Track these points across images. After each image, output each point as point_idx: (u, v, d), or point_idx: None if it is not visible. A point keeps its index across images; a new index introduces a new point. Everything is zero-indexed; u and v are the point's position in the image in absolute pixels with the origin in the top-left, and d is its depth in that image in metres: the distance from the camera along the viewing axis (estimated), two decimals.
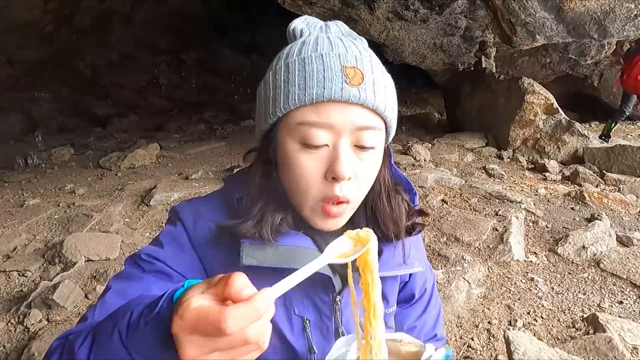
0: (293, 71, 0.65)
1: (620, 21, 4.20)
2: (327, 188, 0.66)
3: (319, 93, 0.62)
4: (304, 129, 0.64)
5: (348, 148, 0.65)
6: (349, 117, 0.64)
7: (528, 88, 4.85)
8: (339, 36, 0.71)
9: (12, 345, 2.07)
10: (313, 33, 0.71)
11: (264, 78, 0.71)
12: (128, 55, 9.65)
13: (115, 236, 2.98)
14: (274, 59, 0.71)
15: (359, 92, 0.63)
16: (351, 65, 0.64)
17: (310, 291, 0.73)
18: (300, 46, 0.68)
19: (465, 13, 5.11)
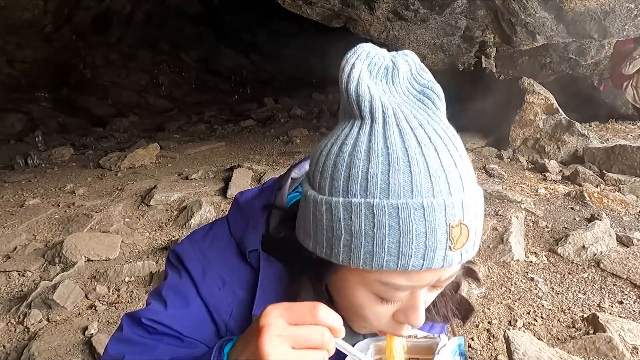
0: (382, 227, 0.49)
1: (620, 21, 4.20)
2: (393, 327, 0.59)
3: (416, 265, 0.50)
4: (386, 288, 0.54)
5: (426, 292, 0.58)
6: (439, 275, 0.54)
7: (528, 88, 4.84)
8: (417, 111, 0.54)
9: (12, 345, 2.07)
10: (385, 107, 0.53)
11: (327, 196, 0.53)
12: (128, 55, 9.66)
13: (115, 236, 2.98)
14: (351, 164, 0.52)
15: (460, 256, 0.52)
16: (457, 222, 0.50)
17: None
18: (385, 168, 0.50)
19: (465, 13, 5.11)
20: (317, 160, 0.57)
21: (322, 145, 0.57)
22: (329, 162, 0.54)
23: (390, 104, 0.53)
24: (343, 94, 0.55)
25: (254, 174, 4.09)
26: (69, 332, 2.10)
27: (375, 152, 0.51)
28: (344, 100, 0.55)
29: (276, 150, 5.19)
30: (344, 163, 0.52)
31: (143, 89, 9.29)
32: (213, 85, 10.15)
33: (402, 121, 0.52)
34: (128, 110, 8.30)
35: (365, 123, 0.53)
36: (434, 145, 0.52)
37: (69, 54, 8.85)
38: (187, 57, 10.60)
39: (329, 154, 0.55)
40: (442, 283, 0.57)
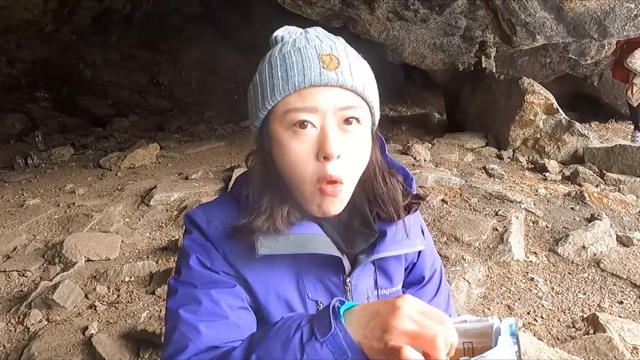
0: (275, 66, 0.71)
1: (620, 21, 4.19)
2: (320, 168, 0.70)
3: (300, 80, 0.68)
4: (291, 115, 0.69)
5: (334, 127, 0.70)
6: (330, 99, 0.69)
7: (528, 88, 4.84)
8: (316, 35, 0.76)
9: (12, 345, 2.07)
10: (292, 36, 0.77)
11: (251, 81, 0.77)
12: (128, 55, 9.66)
13: (115, 236, 2.98)
14: (259, 63, 0.77)
15: (337, 75, 0.69)
16: (327, 53, 0.71)
17: (322, 275, 0.79)
18: (281, 46, 0.74)
19: (465, 13, 5.11)
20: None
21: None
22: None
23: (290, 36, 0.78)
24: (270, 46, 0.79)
25: None
26: (69, 332, 2.10)
27: (279, 45, 0.76)
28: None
29: None
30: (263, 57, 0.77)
31: (143, 89, 9.29)
32: (213, 85, 10.15)
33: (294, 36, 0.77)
34: (128, 110, 8.30)
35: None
36: (323, 36, 0.76)
37: (69, 54, 8.85)
38: (187, 57, 10.60)
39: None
40: (346, 115, 0.71)
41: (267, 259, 0.74)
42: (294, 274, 0.78)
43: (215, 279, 0.75)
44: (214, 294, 0.73)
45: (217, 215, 0.80)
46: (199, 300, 0.72)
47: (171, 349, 0.70)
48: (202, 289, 0.74)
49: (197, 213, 0.82)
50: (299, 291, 0.78)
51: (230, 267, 0.77)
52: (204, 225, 0.79)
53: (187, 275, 0.76)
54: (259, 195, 0.76)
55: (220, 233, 0.78)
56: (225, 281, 0.75)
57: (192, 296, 0.73)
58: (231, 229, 0.76)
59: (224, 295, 0.73)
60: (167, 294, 0.78)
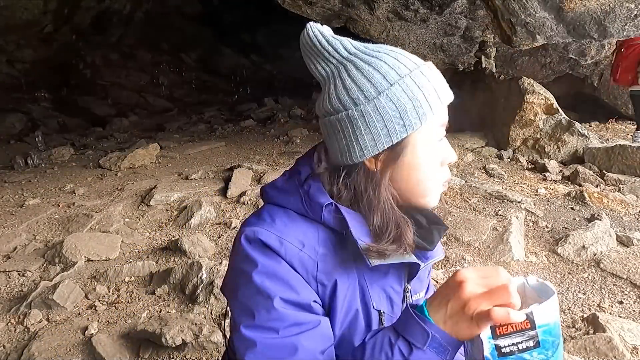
0: (421, 83, 0.75)
1: (620, 21, 4.19)
2: (445, 171, 0.82)
3: (444, 97, 0.77)
4: (439, 129, 0.78)
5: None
6: (445, 114, 0.79)
7: (528, 88, 4.84)
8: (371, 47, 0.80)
9: (12, 345, 2.07)
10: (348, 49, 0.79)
11: (374, 98, 0.74)
12: (128, 55, 9.66)
13: (115, 236, 2.98)
14: (370, 76, 0.75)
15: (451, 94, 0.79)
16: (438, 72, 0.79)
17: (384, 284, 0.81)
18: (393, 62, 0.75)
19: (465, 13, 5.10)
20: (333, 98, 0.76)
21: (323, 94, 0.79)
22: (352, 86, 0.75)
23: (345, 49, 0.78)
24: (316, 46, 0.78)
25: (254, 174, 4.08)
26: (69, 332, 2.10)
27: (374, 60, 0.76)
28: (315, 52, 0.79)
29: (276, 150, 5.19)
30: (362, 78, 0.74)
31: (143, 89, 9.29)
32: (213, 85, 10.15)
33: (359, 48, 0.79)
34: (128, 110, 8.30)
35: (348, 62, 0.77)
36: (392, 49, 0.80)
37: (69, 54, 8.85)
38: (187, 57, 10.60)
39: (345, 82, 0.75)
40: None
41: (344, 272, 0.76)
42: (360, 285, 0.78)
43: (301, 319, 0.69)
44: (305, 342, 0.68)
45: (286, 230, 0.74)
46: (291, 350, 0.67)
47: None
48: (289, 336, 0.68)
49: (261, 232, 0.73)
50: (364, 301, 0.78)
51: (317, 286, 0.74)
52: (276, 246, 0.72)
53: (267, 319, 0.68)
54: (387, 218, 0.76)
55: (299, 251, 0.73)
56: (312, 321, 0.70)
57: (281, 346, 0.67)
58: (362, 249, 0.73)
59: (314, 340, 0.69)
60: (241, 345, 0.69)
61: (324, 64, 0.78)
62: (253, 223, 0.77)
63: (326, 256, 0.74)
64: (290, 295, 0.70)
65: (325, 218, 0.75)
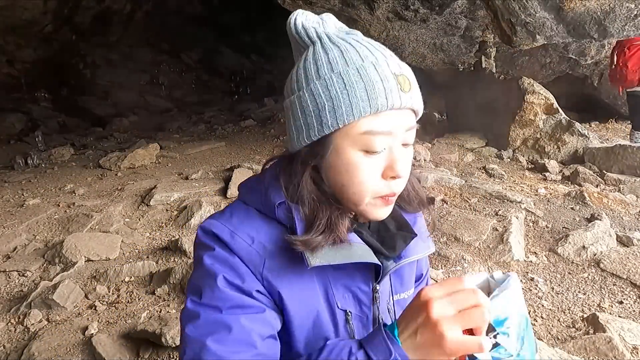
0: (351, 82, 0.67)
1: (620, 21, 4.19)
2: (383, 186, 0.72)
3: (382, 104, 0.67)
4: (368, 138, 0.68)
5: (400, 148, 0.72)
6: (402, 121, 0.70)
7: (528, 88, 4.84)
8: (354, 37, 0.75)
9: (12, 345, 2.07)
10: (328, 34, 0.75)
11: (303, 89, 0.71)
12: (128, 55, 9.66)
13: (115, 236, 2.98)
14: (307, 67, 0.72)
15: (410, 99, 0.70)
16: (400, 73, 0.70)
17: (350, 284, 0.78)
18: (339, 54, 0.70)
19: (465, 13, 5.10)
20: (289, 80, 0.75)
21: (290, 75, 0.76)
22: (298, 73, 0.73)
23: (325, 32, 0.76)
24: (293, 36, 0.78)
25: (254, 174, 4.08)
26: (69, 332, 2.10)
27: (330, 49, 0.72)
28: (294, 42, 0.79)
29: (276, 150, 5.19)
30: (310, 65, 0.71)
31: (143, 89, 9.29)
32: (213, 85, 10.15)
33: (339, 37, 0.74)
34: (128, 110, 8.30)
35: (315, 44, 0.74)
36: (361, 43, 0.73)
37: (69, 54, 8.85)
38: (187, 57, 10.60)
39: (295, 71, 0.74)
40: (409, 137, 0.73)
41: (296, 272, 0.73)
42: (322, 284, 0.76)
43: (246, 302, 0.69)
44: (244, 321, 0.67)
45: (240, 226, 0.74)
46: (229, 327, 0.66)
47: None
48: (230, 314, 0.68)
49: (215, 225, 0.75)
50: (328, 301, 0.76)
51: (262, 282, 0.72)
52: (227, 238, 0.73)
53: (211, 297, 0.69)
54: (313, 206, 0.73)
55: (248, 246, 0.72)
56: (255, 305, 0.70)
57: (220, 323, 0.67)
58: (288, 241, 0.71)
59: (255, 322, 0.68)
60: (184, 318, 0.70)
61: (300, 51, 0.78)
62: (213, 217, 0.79)
63: (276, 254, 0.73)
64: (235, 280, 0.70)
65: (279, 215, 0.74)
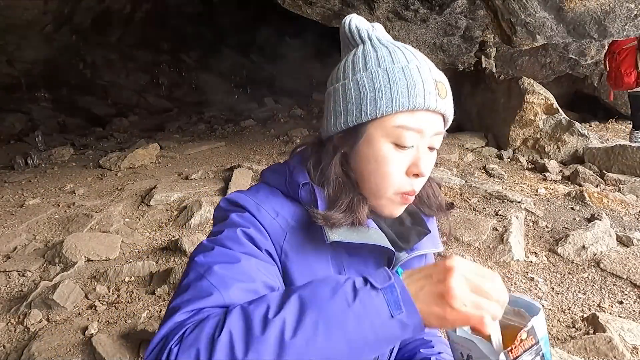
0: (395, 78, 0.73)
1: (620, 21, 4.19)
2: (405, 182, 0.76)
3: (420, 103, 0.72)
4: (401, 132, 0.73)
5: (426, 149, 0.77)
6: (434, 124, 0.75)
7: (528, 88, 4.84)
8: (421, 57, 0.79)
9: (12, 345, 2.07)
10: (378, 37, 0.80)
11: (349, 78, 0.76)
12: (128, 55, 9.65)
13: (115, 236, 2.98)
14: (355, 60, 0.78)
15: (445, 105, 0.75)
16: (440, 80, 0.75)
17: (363, 270, 0.80)
18: (387, 53, 0.76)
19: (465, 13, 5.10)
20: (334, 71, 0.81)
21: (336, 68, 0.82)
22: (347, 63, 0.79)
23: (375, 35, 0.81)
24: (346, 35, 0.82)
25: (254, 174, 4.08)
26: (69, 332, 2.10)
27: (379, 48, 0.77)
28: (345, 41, 0.84)
29: (276, 150, 5.18)
30: (359, 57, 0.77)
31: (143, 89, 9.29)
32: (213, 85, 10.15)
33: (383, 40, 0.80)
34: (128, 110, 8.30)
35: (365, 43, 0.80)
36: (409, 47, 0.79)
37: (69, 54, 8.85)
38: (187, 57, 10.60)
39: (345, 61, 0.80)
40: (435, 141, 0.77)
41: (314, 251, 0.76)
42: (336, 267, 0.79)
43: (257, 253, 0.71)
44: (254, 263, 0.69)
45: (266, 200, 0.78)
46: (237, 259, 0.68)
47: (189, 294, 0.63)
48: (242, 253, 0.69)
49: (241, 197, 0.79)
50: None
51: (281, 255, 0.75)
52: (254, 209, 0.76)
53: (227, 238, 0.71)
54: (338, 190, 0.77)
55: (272, 219, 0.76)
56: (265, 258, 0.72)
57: (232, 256, 0.68)
58: (309, 212, 0.74)
59: (263, 268, 0.70)
60: (196, 251, 0.72)
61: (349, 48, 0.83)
62: (238, 191, 0.82)
63: (297, 230, 0.76)
64: (256, 235, 0.73)
65: (302, 196, 0.78)
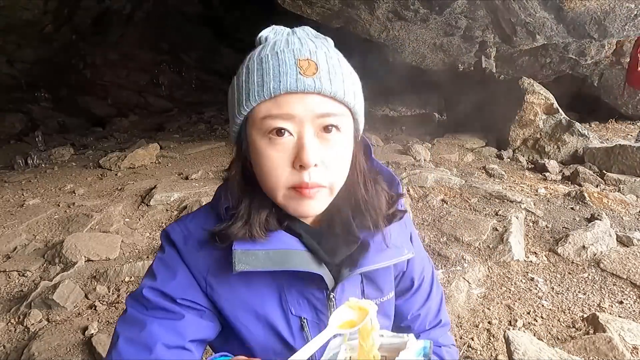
0: (252, 71, 0.69)
1: (620, 21, 4.19)
2: (296, 176, 0.69)
3: (275, 87, 0.66)
4: (267, 122, 0.67)
5: (312, 136, 0.68)
6: (308, 106, 0.67)
7: (528, 88, 4.85)
8: (300, 36, 0.73)
9: (12, 345, 2.07)
10: (277, 37, 0.73)
11: (230, 84, 0.75)
12: (128, 55, 9.66)
13: (115, 236, 2.98)
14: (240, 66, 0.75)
15: (314, 82, 0.66)
16: (305, 57, 0.67)
17: (304, 290, 0.77)
18: (261, 49, 0.72)
19: (465, 13, 5.11)
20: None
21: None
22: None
23: (272, 36, 0.74)
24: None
25: None
26: (69, 332, 2.10)
27: (261, 46, 0.73)
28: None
29: None
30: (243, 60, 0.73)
31: (143, 89, 9.30)
32: (213, 85, 10.15)
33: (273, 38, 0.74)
34: (128, 110, 8.31)
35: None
36: (307, 38, 0.72)
37: (69, 54, 8.85)
38: (187, 57, 10.60)
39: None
40: (324, 123, 0.68)
41: (246, 275, 0.72)
42: (275, 289, 0.76)
43: (167, 306, 0.73)
44: (157, 327, 0.72)
45: (194, 229, 0.77)
46: (142, 326, 0.72)
47: None
48: (150, 316, 0.73)
49: (174, 229, 0.79)
50: (281, 307, 0.76)
51: (206, 287, 0.75)
52: (181, 244, 0.77)
53: (140, 297, 0.75)
54: (238, 198, 0.75)
55: (196, 251, 0.75)
56: (176, 311, 0.73)
57: (137, 321, 0.73)
58: (208, 236, 0.74)
59: (166, 330, 0.72)
60: (125, 304, 0.78)
61: None
62: (180, 219, 0.83)
63: (221, 259, 0.73)
64: (165, 284, 0.74)
65: (226, 217, 0.76)
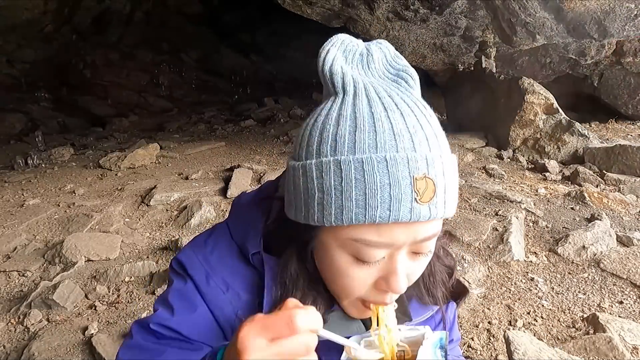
0: (349, 180, 0.52)
1: (620, 21, 4.19)
2: (377, 296, 0.60)
3: (383, 216, 0.51)
4: (360, 247, 0.55)
5: (405, 260, 0.58)
6: (412, 233, 0.55)
7: (528, 88, 4.84)
8: (399, 91, 0.58)
9: (12, 345, 2.07)
10: (365, 85, 0.57)
11: (302, 161, 0.57)
12: (128, 55, 9.66)
13: (115, 236, 2.98)
14: (313, 133, 0.57)
15: (429, 211, 0.53)
16: (422, 175, 0.52)
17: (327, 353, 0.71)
18: (352, 129, 0.54)
19: (465, 13, 5.10)
20: (298, 135, 0.61)
21: (304, 123, 0.61)
22: (306, 132, 0.58)
23: (362, 80, 0.58)
24: (321, 76, 0.60)
25: (254, 174, 4.09)
26: (69, 332, 2.10)
27: (344, 116, 0.55)
28: (323, 82, 0.60)
29: (276, 150, 5.19)
30: (317, 129, 0.56)
31: (143, 89, 9.29)
32: (213, 85, 10.15)
33: (371, 92, 0.56)
34: (128, 110, 8.30)
35: (338, 97, 0.57)
36: (400, 110, 0.55)
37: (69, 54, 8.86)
38: (187, 57, 10.60)
39: (307, 126, 0.59)
40: (422, 247, 0.58)
41: None
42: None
43: (182, 342, 0.66)
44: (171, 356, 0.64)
45: (217, 266, 0.67)
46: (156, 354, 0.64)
47: None
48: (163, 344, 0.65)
49: (192, 261, 0.68)
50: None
51: (222, 334, 0.67)
52: (202, 282, 0.67)
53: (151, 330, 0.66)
54: (294, 283, 0.64)
55: (222, 293, 0.66)
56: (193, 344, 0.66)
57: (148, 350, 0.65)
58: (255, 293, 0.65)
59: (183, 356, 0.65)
60: (128, 334, 0.68)
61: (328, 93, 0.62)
62: (193, 246, 0.72)
63: (250, 303, 0.66)
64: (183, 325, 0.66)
65: (254, 262, 0.67)
